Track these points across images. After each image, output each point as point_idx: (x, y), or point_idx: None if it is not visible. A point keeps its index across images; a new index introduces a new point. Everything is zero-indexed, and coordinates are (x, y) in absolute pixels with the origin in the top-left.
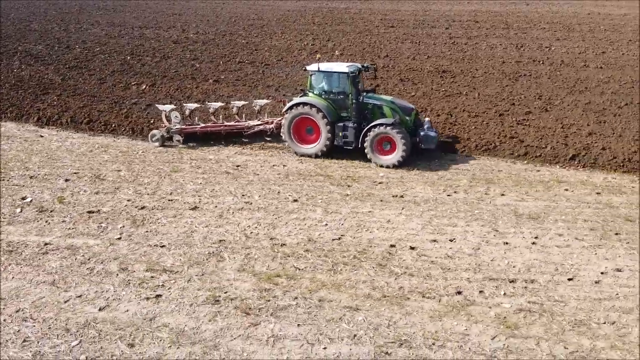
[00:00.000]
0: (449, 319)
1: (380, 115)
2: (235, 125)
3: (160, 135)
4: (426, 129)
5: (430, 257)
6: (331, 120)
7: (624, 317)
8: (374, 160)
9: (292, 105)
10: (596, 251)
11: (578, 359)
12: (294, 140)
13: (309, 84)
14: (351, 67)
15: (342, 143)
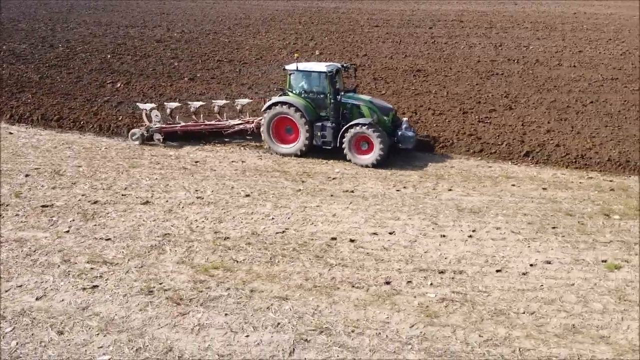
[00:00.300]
0: (373, 307)
1: (358, 115)
2: (216, 125)
3: (140, 134)
4: (404, 129)
5: (367, 249)
6: (310, 120)
7: (544, 307)
8: (352, 160)
9: (271, 104)
10: (530, 244)
11: (490, 346)
12: (273, 140)
13: (288, 84)
14: (330, 66)
15: (321, 143)
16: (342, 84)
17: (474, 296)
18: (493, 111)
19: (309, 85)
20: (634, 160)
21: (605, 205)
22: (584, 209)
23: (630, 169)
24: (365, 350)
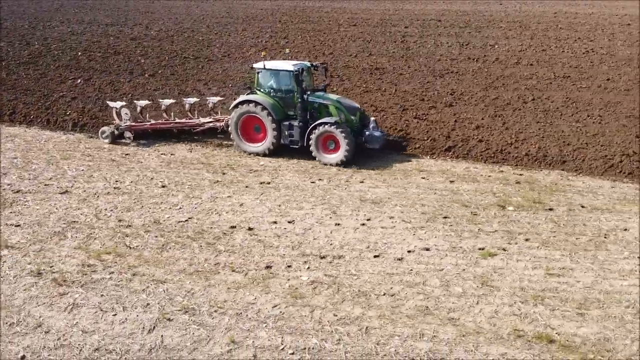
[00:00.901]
0: (245, 290)
1: (326, 114)
2: (186, 123)
3: (110, 132)
4: (371, 129)
5: (260, 237)
6: (277, 119)
7: (406, 290)
8: (320, 159)
9: (238, 103)
10: (416, 232)
11: (340, 324)
12: (241, 139)
13: (256, 82)
14: (297, 65)
15: (289, 142)
16: (312, 83)
17: (343, 279)
18: (433, 108)
19: (276, 84)
20: (552, 155)
21: (504, 197)
22: (481, 200)
23: (547, 163)
24: (221, 328)
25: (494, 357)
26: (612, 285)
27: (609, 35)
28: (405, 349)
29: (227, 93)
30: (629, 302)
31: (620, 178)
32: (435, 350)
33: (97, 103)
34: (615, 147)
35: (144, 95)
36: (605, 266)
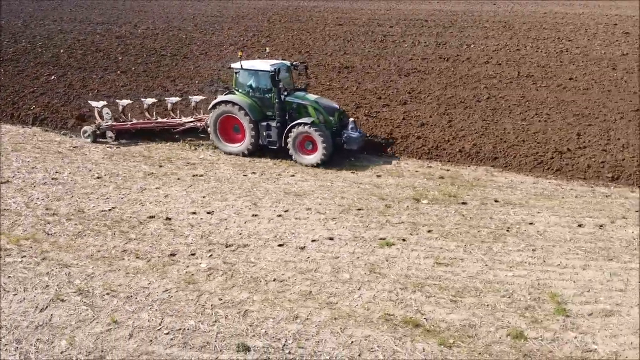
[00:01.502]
0: (142, 275)
1: (305, 115)
2: (167, 122)
3: (91, 132)
4: (350, 130)
5: (174, 226)
6: (255, 119)
7: (296, 276)
8: (297, 160)
9: (216, 103)
10: (326, 223)
11: (222, 307)
12: (220, 139)
13: (234, 82)
14: (274, 65)
15: (267, 142)
16: (291, 82)
17: (240, 266)
18: (386, 106)
19: (254, 84)
20: (484, 152)
21: (422, 192)
22: (400, 194)
23: (478, 160)
24: (108, 309)
25: (357, 339)
26: (495, 276)
27: (590, 35)
28: (275, 330)
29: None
30: (506, 292)
31: (546, 174)
32: (302, 332)
33: (63, 99)
34: (552, 144)
35: (111, 91)
36: (496, 257)
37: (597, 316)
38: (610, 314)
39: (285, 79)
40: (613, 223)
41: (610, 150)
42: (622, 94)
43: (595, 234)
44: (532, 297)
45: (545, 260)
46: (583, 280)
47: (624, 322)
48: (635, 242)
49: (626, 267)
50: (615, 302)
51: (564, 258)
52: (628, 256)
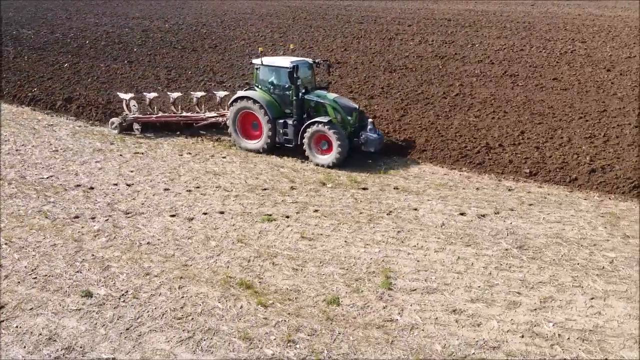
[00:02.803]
0: (42, 232)
1: (323, 114)
2: (190, 117)
3: (118, 123)
4: (368, 130)
5: (92, 194)
6: (273, 117)
7: (169, 242)
8: (312, 160)
9: (236, 98)
10: (226, 199)
11: (85, 260)
12: (239, 135)
13: (255, 78)
14: (295, 61)
15: (283, 140)
16: (313, 80)
17: (126, 231)
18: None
19: (274, 81)
20: (416, 145)
21: (332, 177)
22: (311, 178)
23: (408, 152)
24: None
25: (189, 295)
26: (348, 251)
27: (608, 38)
28: (122, 283)
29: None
30: (347, 265)
31: (463, 167)
32: (145, 286)
33: (64, 84)
34: (487, 140)
35: (109, 78)
36: (359, 236)
37: (417, 293)
38: (433, 292)
39: (307, 76)
40: (497, 214)
41: (543, 148)
42: (601, 95)
43: (471, 222)
44: (368, 271)
45: (403, 242)
46: (427, 261)
47: (441, 299)
48: (505, 232)
49: (478, 253)
50: (445, 282)
51: (423, 241)
52: (488, 244)
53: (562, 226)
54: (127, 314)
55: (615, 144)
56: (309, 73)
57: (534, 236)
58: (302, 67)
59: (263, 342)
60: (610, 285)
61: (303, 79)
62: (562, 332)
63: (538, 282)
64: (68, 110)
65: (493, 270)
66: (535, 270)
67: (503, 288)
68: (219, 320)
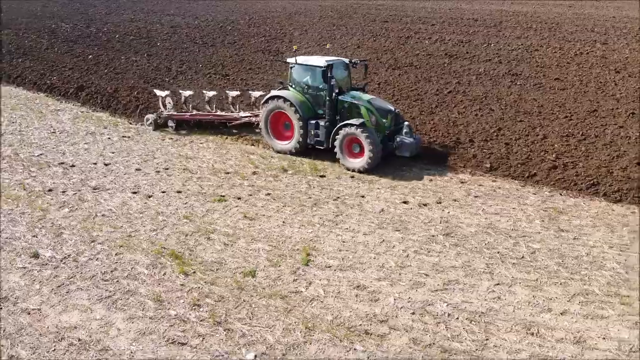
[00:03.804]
0: (17, 201)
1: (357, 115)
2: (224, 116)
3: (153, 120)
4: (404, 134)
5: (71, 171)
6: (305, 117)
7: (122, 215)
8: (343, 163)
9: (269, 98)
10: (188, 180)
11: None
12: (270, 135)
13: (289, 77)
14: (329, 61)
15: (314, 142)
16: (349, 81)
17: (88, 204)
18: None
19: (308, 81)
20: None
21: (295, 165)
22: (275, 164)
23: None
24: None
25: (123, 261)
26: (282, 230)
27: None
28: (70, 248)
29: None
30: (276, 242)
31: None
32: (87, 251)
33: (81, 72)
34: (460, 135)
35: (124, 69)
36: (298, 217)
37: (331, 269)
38: (346, 269)
39: (342, 77)
40: (439, 204)
41: (513, 145)
42: (598, 95)
43: (410, 210)
44: (293, 249)
45: (337, 224)
46: (352, 243)
47: (349, 276)
48: (439, 220)
49: (404, 238)
50: (361, 261)
51: (357, 224)
52: (417, 230)
53: (499, 218)
54: (62, 274)
55: (590, 143)
56: (344, 73)
57: (466, 225)
58: (337, 66)
59: (171, 305)
60: (521, 274)
61: (338, 79)
62: (453, 312)
63: (450, 267)
64: (78, 97)
65: (411, 254)
66: (452, 256)
67: (413, 269)
68: (140, 284)
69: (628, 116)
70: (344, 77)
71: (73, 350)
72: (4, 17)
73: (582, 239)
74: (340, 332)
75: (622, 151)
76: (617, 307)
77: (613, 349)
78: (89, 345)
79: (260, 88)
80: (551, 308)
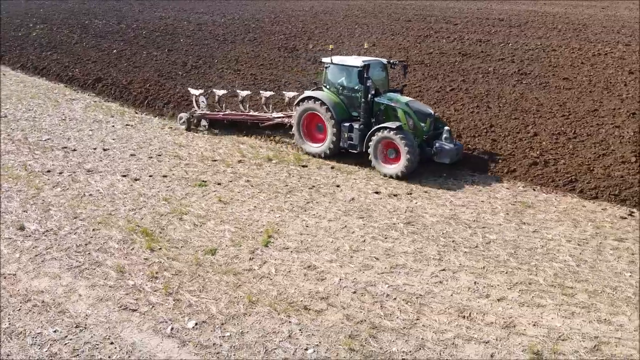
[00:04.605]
0: (16, 180)
1: (393, 119)
2: (257, 116)
3: (186, 119)
4: (443, 139)
5: (71, 155)
6: (338, 119)
7: (107, 195)
8: (377, 169)
9: (301, 99)
10: (176, 167)
11: (38, 204)
12: (302, 137)
13: (324, 78)
14: (367, 61)
15: (347, 145)
16: (387, 82)
17: (79, 184)
18: None
19: (343, 81)
20: None
21: (280, 155)
22: (261, 154)
23: None
24: None
25: (99, 236)
26: (252, 214)
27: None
28: (51, 222)
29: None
30: (242, 224)
31: None
32: (65, 226)
33: (102, 65)
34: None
35: (143, 62)
36: (270, 203)
37: (288, 251)
38: (302, 251)
39: (380, 77)
40: (409, 194)
41: (500, 141)
42: (604, 96)
43: (379, 200)
44: (257, 231)
45: (306, 210)
46: (314, 227)
47: (303, 257)
48: (404, 210)
49: (365, 225)
50: (318, 244)
51: (324, 211)
52: (381, 218)
53: (464, 209)
54: (42, 245)
55: (580, 141)
56: (382, 74)
57: (430, 215)
58: (374, 67)
59: (132, 276)
60: (470, 262)
61: (374, 80)
62: (392, 293)
63: (402, 252)
64: (94, 88)
65: (368, 239)
66: (406, 243)
67: (365, 253)
68: (108, 257)
69: (628, 116)
70: (381, 78)
71: (35, 310)
72: (43, 13)
73: (542, 232)
74: (281, 306)
75: (610, 150)
76: (557, 297)
77: (540, 335)
78: (50, 307)
79: (268, 83)
80: (490, 294)
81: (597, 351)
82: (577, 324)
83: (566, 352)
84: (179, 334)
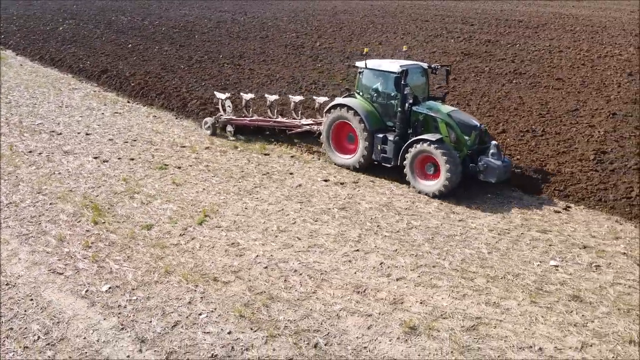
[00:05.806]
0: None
1: (433, 130)
2: (284, 122)
3: (211, 124)
4: (490, 155)
5: (57, 138)
6: (371, 129)
7: (78, 176)
8: (413, 185)
9: (332, 106)
10: (147, 150)
11: (14, 182)
12: (331, 147)
13: (357, 84)
14: (405, 66)
15: (380, 158)
16: (427, 89)
17: (54, 164)
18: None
19: (377, 88)
20: None
21: (247, 145)
22: (230, 142)
23: None
24: None
25: (53, 210)
26: (199, 195)
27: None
28: (16, 196)
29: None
30: (186, 204)
31: None
32: (27, 199)
33: (113, 58)
34: None
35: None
36: (219, 187)
37: (219, 229)
38: (232, 230)
39: (420, 84)
40: (355, 183)
41: None
42: (592, 96)
43: (325, 187)
44: (197, 211)
45: (250, 194)
46: (252, 209)
47: (231, 235)
48: (344, 197)
49: (302, 209)
50: (249, 224)
51: (268, 195)
52: (319, 203)
53: (401, 198)
54: (2, 215)
55: (545, 139)
56: (422, 80)
57: (366, 202)
58: (413, 72)
59: (68, 242)
60: (385, 245)
61: (413, 87)
62: (300, 269)
63: (324, 234)
64: (99, 79)
65: (299, 221)
66: (333, 225)
67: (290, 234)
68: (55, 227)
69: (607, 117)
70: (421, 84)
71: None
72: (75, 10)
73: (467, 222)
74: (193, 277)
75: (572, 148)
76: (455, 280)
77: (424, 312)
78: None
79: (264, 78)
80: (391, 274)
81: (473, 330)
82: (465, 305)
83: (441, 329)
84: (91, 296)
